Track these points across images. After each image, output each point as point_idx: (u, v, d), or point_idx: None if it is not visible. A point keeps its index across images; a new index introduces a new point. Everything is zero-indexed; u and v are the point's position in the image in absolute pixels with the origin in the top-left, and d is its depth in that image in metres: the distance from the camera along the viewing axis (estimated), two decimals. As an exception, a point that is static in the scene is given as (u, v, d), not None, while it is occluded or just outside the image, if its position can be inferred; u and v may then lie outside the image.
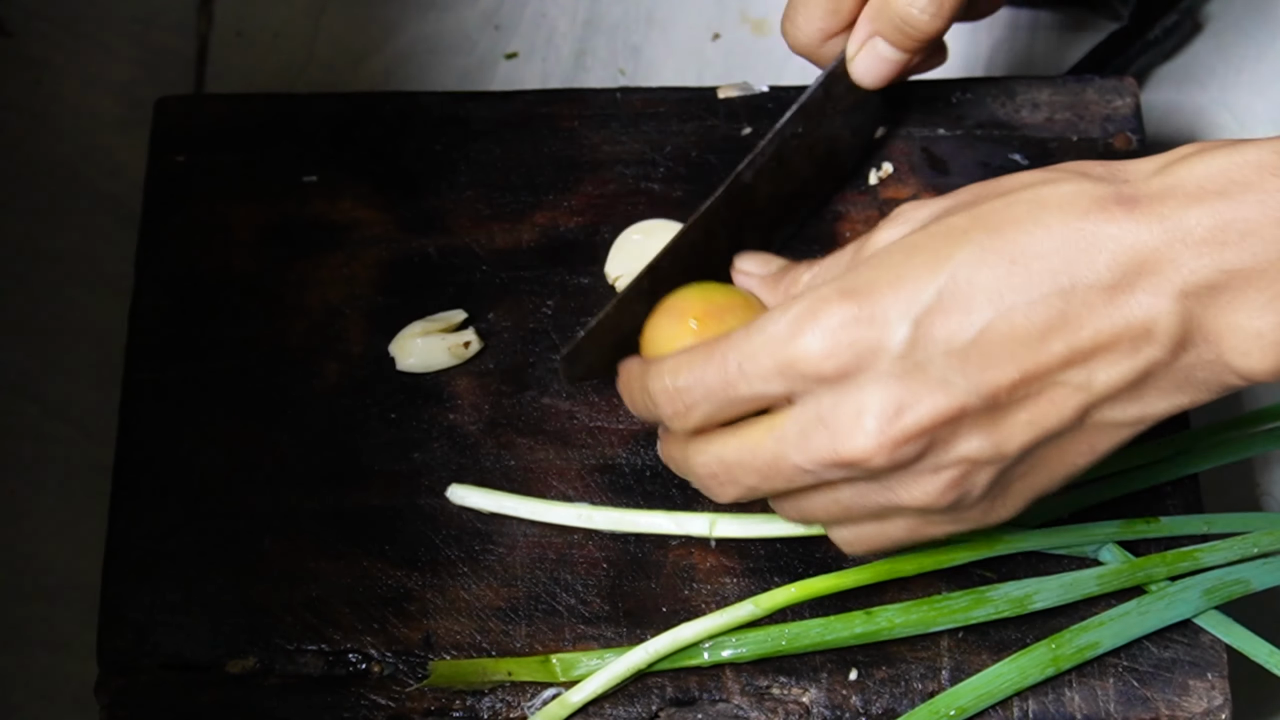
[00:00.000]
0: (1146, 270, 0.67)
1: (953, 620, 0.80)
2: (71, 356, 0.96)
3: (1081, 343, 0.68)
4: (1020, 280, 0.68)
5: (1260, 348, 0.67)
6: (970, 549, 0.81)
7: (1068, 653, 0.80)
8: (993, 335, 0.68)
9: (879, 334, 0.69)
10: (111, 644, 0.82)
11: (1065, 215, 0.68)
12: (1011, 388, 0.68)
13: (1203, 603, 0.81)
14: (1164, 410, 0.70)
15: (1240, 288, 0.67)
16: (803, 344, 0.69)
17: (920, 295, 0.68)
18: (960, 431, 0.69)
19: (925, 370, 0.68)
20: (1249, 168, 0.67)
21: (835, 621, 0.80)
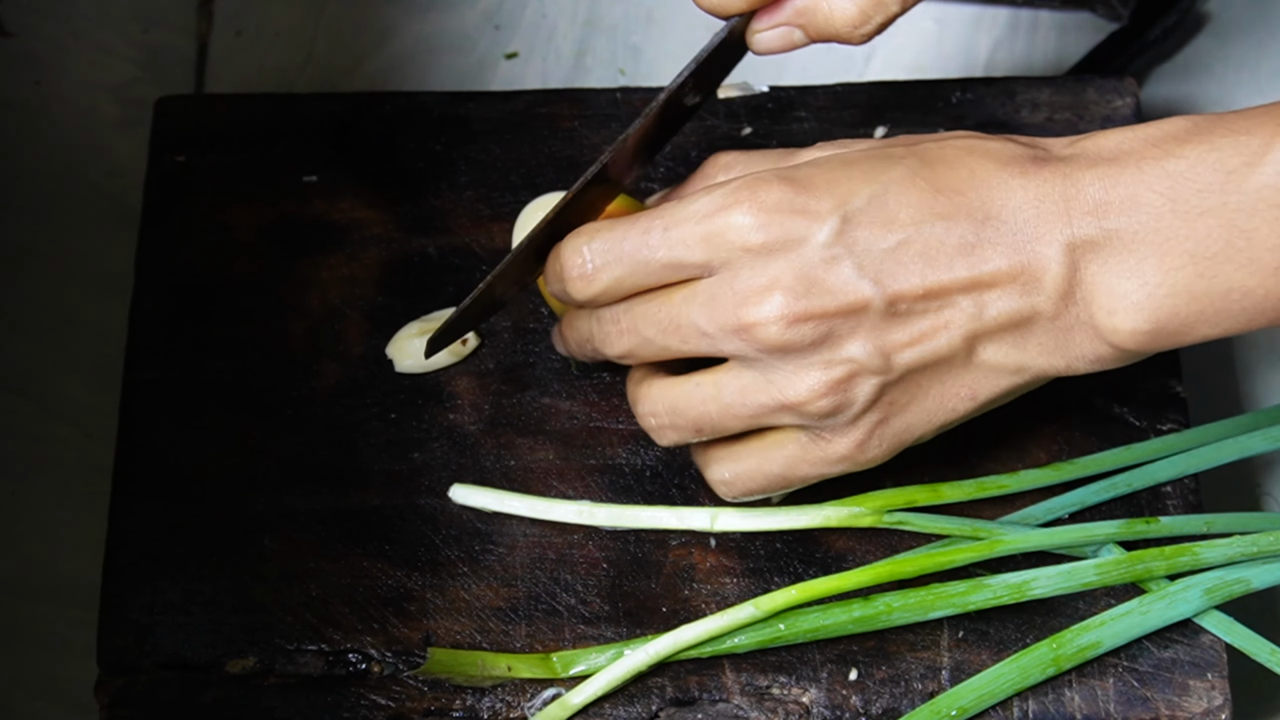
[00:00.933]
0: (1045, 221, 0.74)
1: (951, 606, 0.80)
2: (71, 356, 0.96)
3: (983, 272, 0.74)
4: (942, 207, 0.74)
5: (1124, 307, 0.74)
6: (970, 550, 0.81)
7: (1069, 652, 0.80)
8: (908, 248, 0.74)
9: (808, 221, 0.74)
10: (111, 644, 0.82)
11: (988, 164, 0.75)
12: (914, 297, 0.74)
13: (1203, 602, 0.81)
14: (1042, 366, 0.76)
15: (1115, 248, 0.73)
16: (736, 214, 0.75)
17: (853, 198, 0.74)
18: (857, 330, 0.75)
19: (840, 263, 0.74)
20: (1139, 140, 0.74)
21: (834, 608, 0.80)
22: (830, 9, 0.79)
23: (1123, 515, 0.84)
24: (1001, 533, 0.81)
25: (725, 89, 0.93)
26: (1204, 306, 0.73)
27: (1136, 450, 0.84)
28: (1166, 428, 0.86)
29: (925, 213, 0.74)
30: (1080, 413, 0.86)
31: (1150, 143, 0.74)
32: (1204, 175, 0.72)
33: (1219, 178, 0.72)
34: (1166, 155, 0.73)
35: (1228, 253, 0.72)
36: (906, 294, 0.74)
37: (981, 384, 0.77)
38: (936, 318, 0.75)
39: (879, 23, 0.79)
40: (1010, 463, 0.85)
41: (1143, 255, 0.73)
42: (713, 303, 0.75)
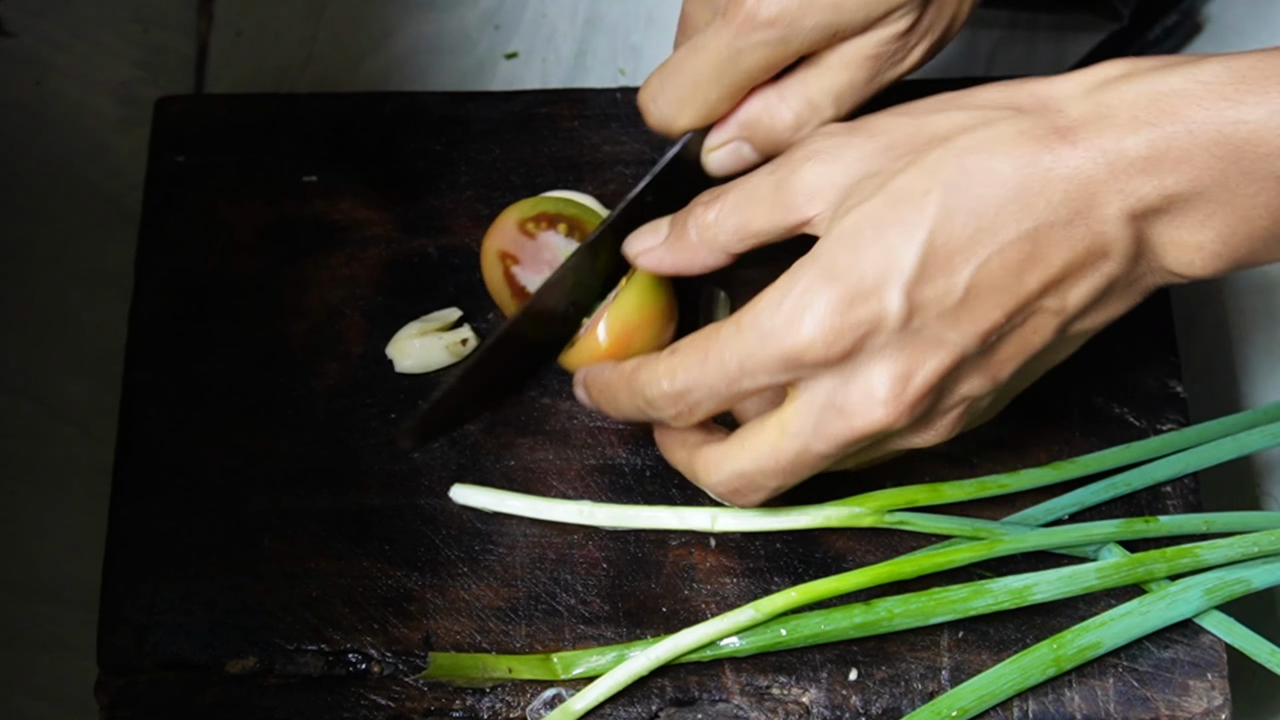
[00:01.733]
0: (1098, 200, 0.71)
1: (952, 611, 0.80)
2: (71, 356, 0.96)
3: (1052, 273, 0.72)
4: (989, 232, 0.72)
5: (1202, 257, 0.72)
6: (971, 550, 0.81)
7: (1069, 653, 0.80)
8: (976, 288, 0.72)
9: (875, 311, 0.72)
10: (111, 644, 0.82)
11: (1014, 160, 0.72)
12: (998, 327, 0.73)
13: (1204, 602, 0.81)
14: (1122, 310, 0.75)
15: (1180, 208, 0.71)
16: (803, 334, 0.72)
17: (904, 266, 0.72)
18: (960, 376, 0.74)
19: (921, 334, 0.73)
20: (1175, 96, 0.71)
21: (835, 613, 0.80)
22: (771, 120, 0.81)
23: (1123, 515, 0.84)
24: (1002, 532, 0.81)
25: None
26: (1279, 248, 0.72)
27: (1136, 449, 0.84)
28: (1166, 428, 0.86)
29: (973, 246, 0.72)
30: (1080, 413, 0.86)
31: (1193, 100, 0.70)
32: (1271, 141, 0.69)
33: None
34: (1220, 118, 0.70)
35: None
36: (992, 328, 0.73)
37: (1073, 343, 0.76)
38: (1025, 327, 0.74)
39: (814, 124, 0.80)
40: (1011, 462, 0.85)
41: (1211, 211, 0.71)
42: (822, 429, 0.74)
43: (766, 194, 0.76)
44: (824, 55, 0.80)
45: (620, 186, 0.91)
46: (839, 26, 0.79)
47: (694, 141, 0.83)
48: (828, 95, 0.80)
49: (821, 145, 0.76)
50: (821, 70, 0.80)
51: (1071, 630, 0.80)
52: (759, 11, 0.78)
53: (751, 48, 0.79)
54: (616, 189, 0.91)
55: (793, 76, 0.81)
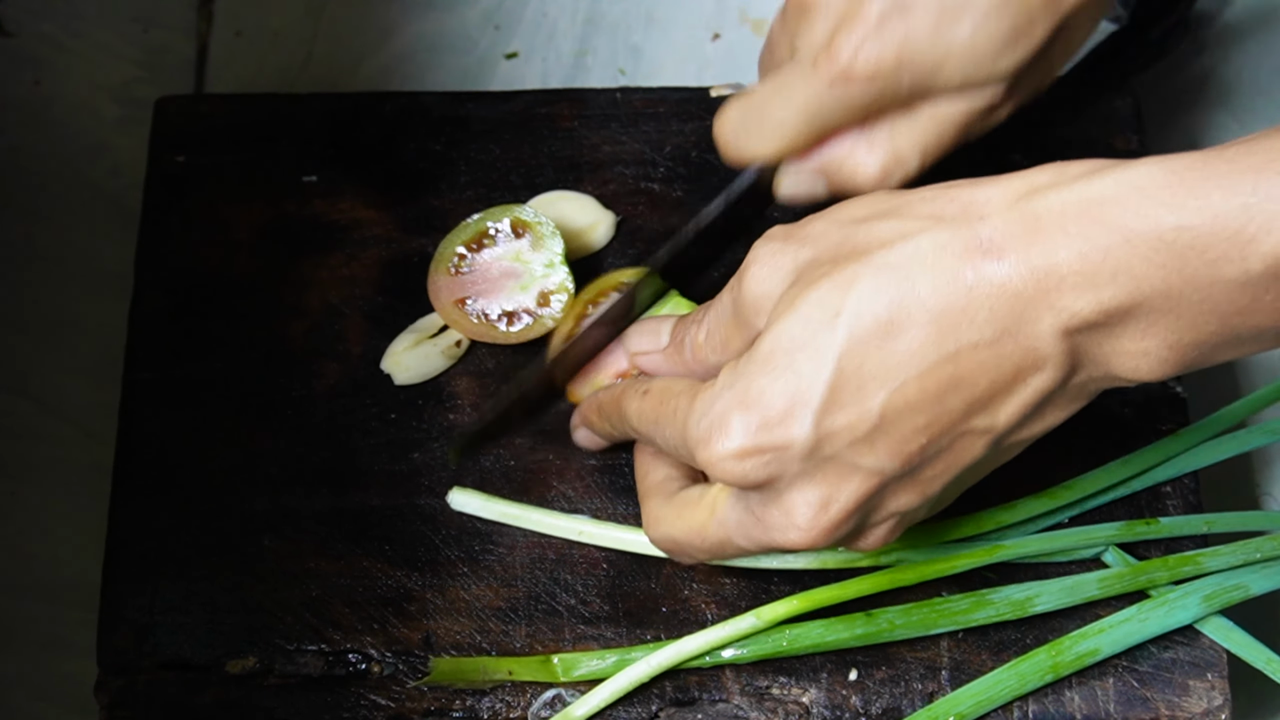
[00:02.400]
0: (1027, 317, 0.67)
1: (954, 623, 0.80)
2: (71, 356, 0.96)
3: (977, 394, 0.69)
4: (904, 356, 0.68)
5: (1148, 364, 0.68)
6: (971, 556, 0.81)
7: (1067, 659, 0.80)
8: (892, 413, 0.69)
9: (782, 440, 0.70)
10: (111, 644, 0.82)
11: (934, 278, 0.68)
12: (920, 453, 0.70)
13: (1203, 609, 0.81)
14: (1062, 418, 0.72)
15: (1120, 320, 0.67)
16: (715, 458, 0.71)
17: (812, 394, 0.69)
18: (885, 496, 0.72)
19: (835, 461, 0.70)
20: (1109, 204, 0.66)
21: (836, 623, 0.80)
22: (854, 166, 0.79)
23: (1123, 516, 0.84)
24: (1001, 539, 0.81)
25: (718, 89, 0.93)
26: (1233, 346, 0.68)
27: (1133, 462, 0.84)
28: (1166, 428, 0.86)
29: (890, 369, 0.69)
30: (1080, 413, 0.86)
31: (1126, 207, 0.66)
32: (1214, 246, 0.65)
33: (1234, 247, 0.65)
34: (1158, 224, 0.66)
35: (1255, 306, 0.66)
36: (913, 453, 0.70)
37: (1010, 454, 0.73)
38: (953, 448, 0.71)
39: (899, 179, 0.79)
40: (1010, 464, 0.85)
41: (1154, 319, 0.67)
42: (745, 531, 0.74)
43: (730, 313, 0.75)
44: (917, 106, 0.78)
45: (620, 186, 0.91)
46: (934, 87, 0.77)
47: (766, 171, 0.82)
48: (915, 149, 0.79)
49: (760, 255, 0.73)
50: (912, 123, 0.79)
51: (1070, 637, 0.80)
52: (854, 67, 0.77)
53: (842, 99, 0.78)
54: (616, 189, 0.91)
55: (881, 125, 0.79)
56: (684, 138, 0.92)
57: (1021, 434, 0.71)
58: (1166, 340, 0.68)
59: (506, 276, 0.86)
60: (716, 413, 0.71)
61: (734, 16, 1.04)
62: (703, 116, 0.92)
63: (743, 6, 1.04)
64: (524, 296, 0.86)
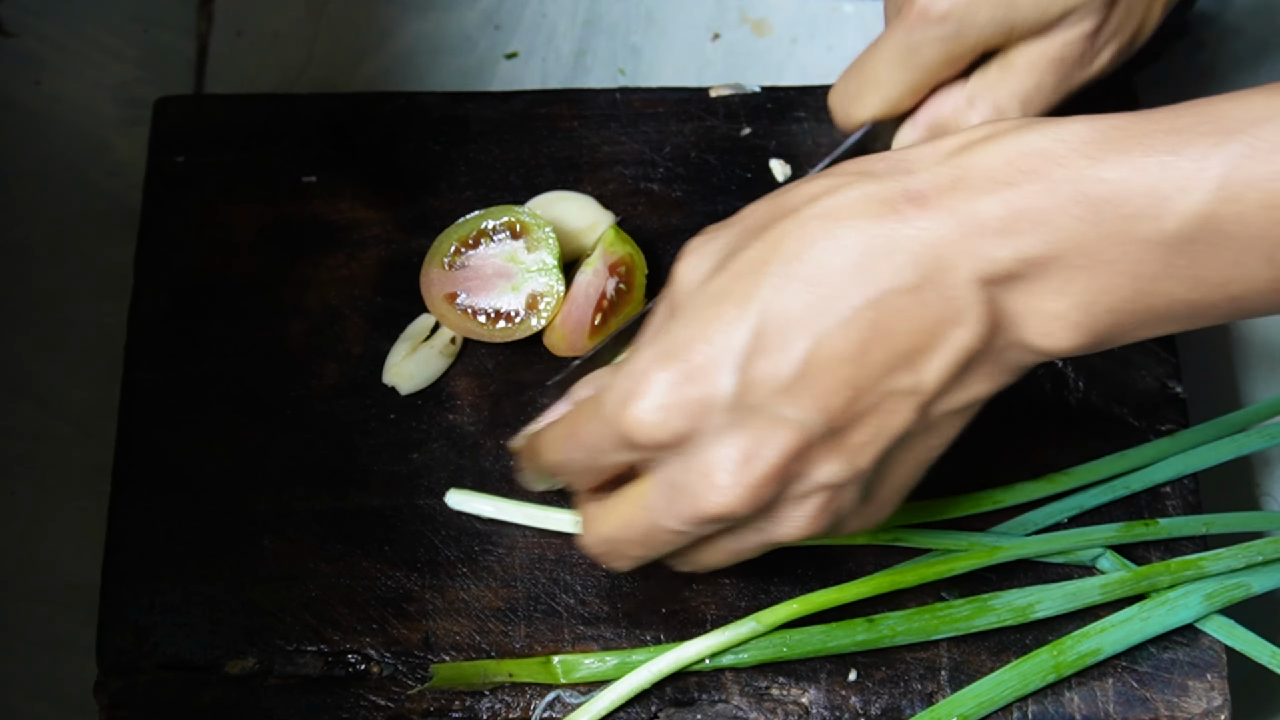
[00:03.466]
0: (947, 265, 0.67)
1: (955, 629, 0.80)
2: (71, 356, 0.96)
3: (900, 346, 0.68)
4: (827, 302, 0.68)
5: (1061, 328, 0.68)
6: (970, 558, 0.80)
7: (1069, 659, 0.80)
8: (815, 362, 0.68)
9: (704, 390, 0.69)
10: (111, 644, 0.82)
11: (858, 224, 0.68)
12: (846, 408, 0.69)
13: (1204, 608, 0.81)
14: (990, 391, 0.71)
15: (1037, 274, 0.67)
16: (633, 418, 0.70)
17: (735, 342, 0.69)
18: (812, 461, 0.70)
19: (760, 413, 0.69)
20: (1034, 156, 0.67)
21: (837, 629, 0.80)
22: (960, 122, 0.80)
23: (1122, 516, 0.84)
24: (1001, 541, 0.81)
25: (718, 89, 0.93)
26: (1145, 318, 0.68)
27: (1132, 456, 0.84)
28: (1166, 428, 0.86)
29: (812, 319, 0.68)
30: (1080, 413, 0.86)
31: (1053, 160, 0.67)
32: (1131, 201, 0.66)
33: (1150, 204, 0.66)
34: (1080, 177, 0.66)
35: (1168, 272, 0.67)
36: (838, 408, 0.69)
37: (945, 431, 0.72)
38: (879, 410, 0.69)
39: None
40: (1011, 463, 0.85)
41: (1070, 277, 0.67)
42: (670, 506, 0.72)
43: (664, 313, 0.74)
44: (1010, 56, 0.79)
45: (619, 187, 0.91)
46: (1014, 23, 0.78)
47: (871, 134, 0.83)
48: (1014, 99, 0.80)
49: (690, 244, 0.73)
50: (1008, 73, 0.80)
51: (1071, 637, 0.80)
52: (930, 8, 0.78)
53: (926, 43, 0.79)
54: (616, 189, 0.91)
55: (980, 78, 0.80)
56: (684, 138, 0.92)
57: (948, 401, 0.70)
58: (1080, 302, 0.68)
59: (499, 276, 0.87)
60: (636, 371, 0.70)
61: (734, 16, 1.04)
62: (702, 117, 0.92)
63: (743, 6, 1.04)
64: (514, 297, 0.86)
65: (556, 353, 0.87)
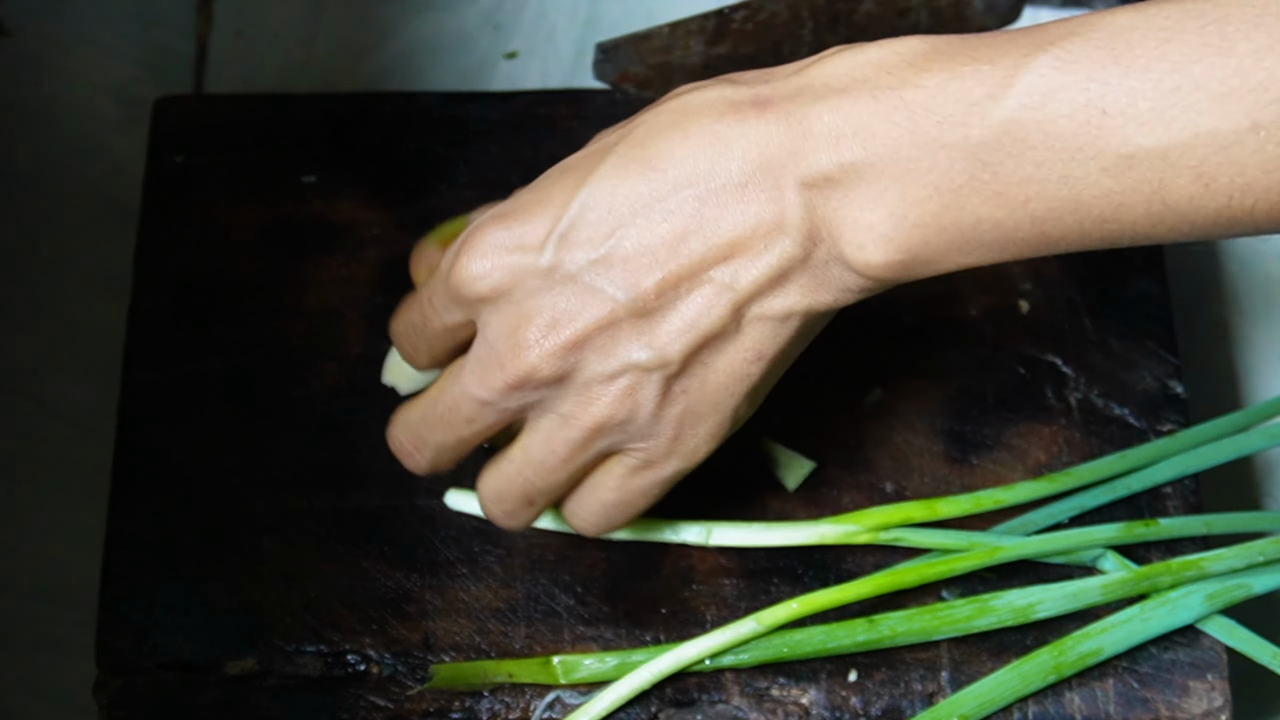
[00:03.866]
0: (773, 166, 0.69)
1: (955, 630, 0.80)
2: (71, 356, 0.96)
3: (719, 239, 0.70)
4: (657, 186, 0.71)
5: (872, 240, 0.69)
6: (970, 558, 0.80)
7: (1070, 659, 0.80)
8: (634, 240, 0.71)
9: (527, 253, 0.72)
10: (110, 644, 0.82)
11: (703, 120, 0.70)
12: (658, 289, 0.71)
13: (1205, 608, 0.81)
14: (808, 305, 0.72)
15: (854, 182, 0.69)
16: (460, 269, 0.73)
17: (564, 211, 0.71)
18: (619, 338, 0.72)
19: (575, 280, 0.72)
20: (869, 66, 0.69)
21: (838, 629, 0.80)
22: None
23: (1123, 516, 0.84)
24: (1001, 541, 0.81)
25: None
26: (953, 237, 0.69)
27: (1132, 456, 0.84)
28: (1166, 428, 0.86)
29: (640, 199, 0.71)
30: (1080, 413, 0.86)
31: (885, 69, 0.68)
32: (944, 106, 0.67)
33: (960, 109, 0.67)
34: (903, 84, 0.68)
35: (973, 185, 0.68)
36: (649, 288, 0.71)
37: (761, 341, 0.72)
38: (692, 300, 0.71)
39: None
40: (1010, 463, 0.85)
41: (884, 187, 0.68)
42: (480, 369, 0.74)
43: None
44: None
45: (620, 187, 0.91)
46: None
47: None
48: None
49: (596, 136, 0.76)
50: None
51: (1072, 637, 0.80)
52: None
53: None
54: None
55: None
56: (684, 138, 0.92)
57: (763, 306, 0.72)
58: (891, 213, 0.69)
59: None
60: (470, 232, 0.73)
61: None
62: (702, 117, 0.92)
63: (743, 6, 1.04)
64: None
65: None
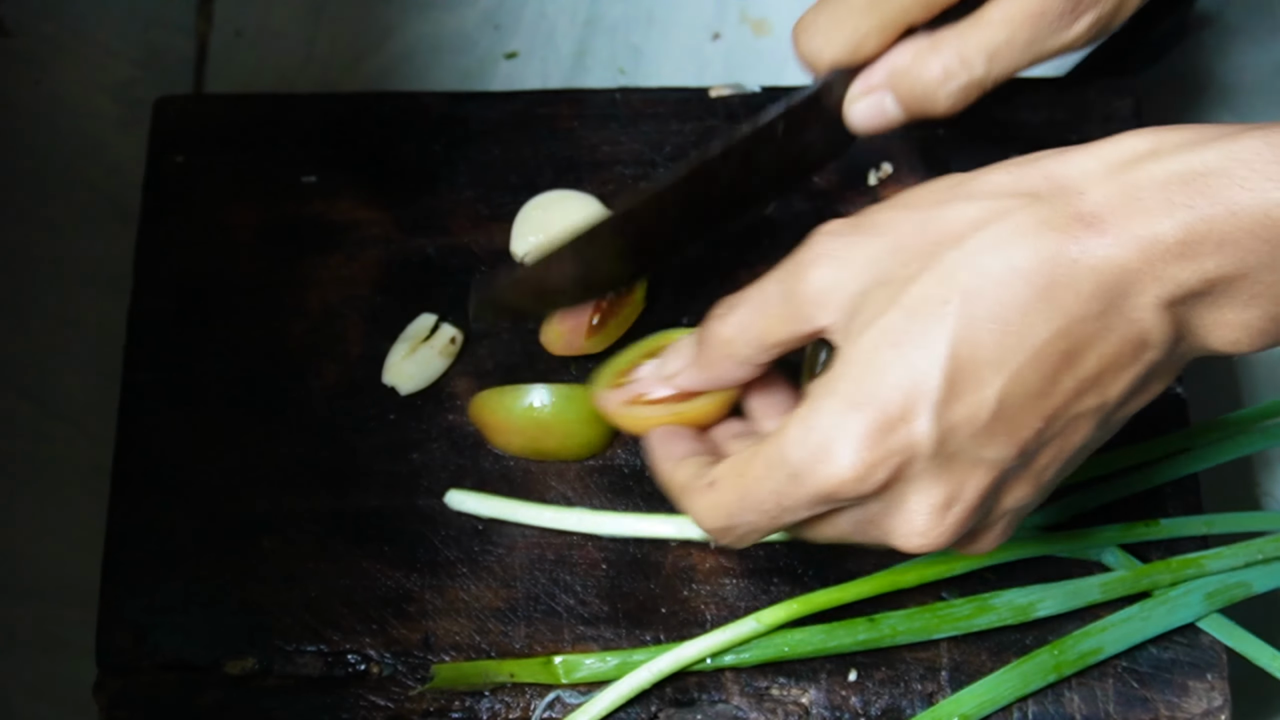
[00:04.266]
0: (1131, 290, 0.67)
1: (955, 628, 0.80)
2: (71, 356, 0.96)
3: (1088, 372, 0.68)
4: (1016, 339, 0.67)
5: (1249, 335, 0.68)
6: (971, 559, 0.80)
7: (1070, 659, 0.80)
8: (1009, 399, 0.68)
9: (906, 440, 0.68)
10: (110, 644, 0.82)
11: (1036, 255, 0.67)
12: (1037, 437, 0.69)
13: (1205, 607, 0.81)
14: (1163, 389, 0.71)
15: (1223, 290, 0.67)
16: (834, 472, 0.68)
17: (929, 387, 0.67)
18: (1003, 490, 0.70)
19: (959, 457, 0.68)
20: (1213, 177, 0.66)
21: (838, 628, 0.80)
22: (919, 70, 0.78)
23: (1123, 517, 0.84)
24: None
25: (718, 89, 0.93)
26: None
27: (1136, 450, 0.84)
28: (1166, 428, 0.86)
29: (1004, 355, 0.67)
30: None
31: (1234, 181, 0.66)
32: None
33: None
34: (1265, 199, 0.65)
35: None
36: (1030, 440, 0.69)
37: (1115, 426, 0.71)
38: (1066, 429, 0.69)
39: (964, 84, 0.78)
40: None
41: (1256, 292, 0.67)
42: (864, 533, 0.71)
43: (777, 305, 0.72)
44: (986, 10, 0.77)
45: (620, 186, 0.91)
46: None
47: (836, 84, 0.80)
48: (982, 51, 0.77)
49: (826, 247, 0.70)
50: (981, 25, 0.77)
51: (1072, 636, 0.80)
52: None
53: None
54: (616, 189, 0.91)
55: (950, 28, 0.78)
56: (684, 138, 0.92)
57: (1126, 409, 0.70)
58: (1268, 311, 0.67)
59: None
60: (823, 427, 0.68)
61: (734, 16, 1.04)
62: (702, 117, 0.92)
63: (743, 6, 1.04)
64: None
65: (553, 351, 0.87)
